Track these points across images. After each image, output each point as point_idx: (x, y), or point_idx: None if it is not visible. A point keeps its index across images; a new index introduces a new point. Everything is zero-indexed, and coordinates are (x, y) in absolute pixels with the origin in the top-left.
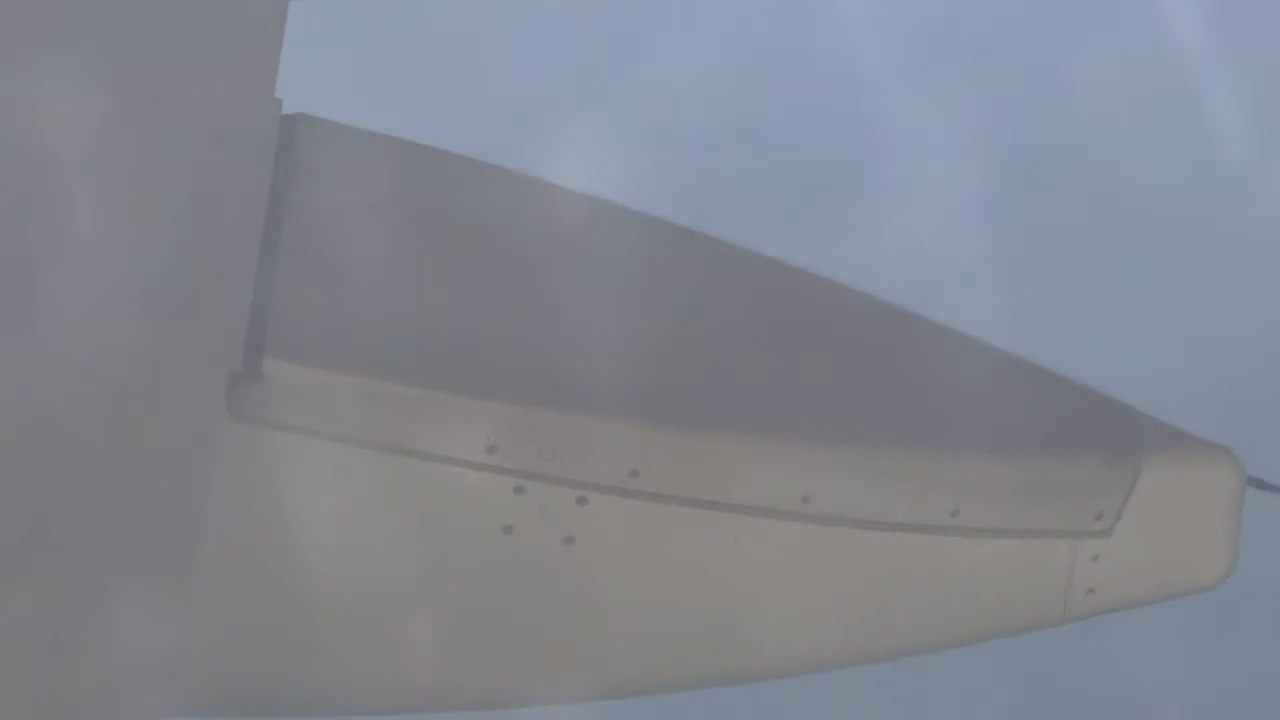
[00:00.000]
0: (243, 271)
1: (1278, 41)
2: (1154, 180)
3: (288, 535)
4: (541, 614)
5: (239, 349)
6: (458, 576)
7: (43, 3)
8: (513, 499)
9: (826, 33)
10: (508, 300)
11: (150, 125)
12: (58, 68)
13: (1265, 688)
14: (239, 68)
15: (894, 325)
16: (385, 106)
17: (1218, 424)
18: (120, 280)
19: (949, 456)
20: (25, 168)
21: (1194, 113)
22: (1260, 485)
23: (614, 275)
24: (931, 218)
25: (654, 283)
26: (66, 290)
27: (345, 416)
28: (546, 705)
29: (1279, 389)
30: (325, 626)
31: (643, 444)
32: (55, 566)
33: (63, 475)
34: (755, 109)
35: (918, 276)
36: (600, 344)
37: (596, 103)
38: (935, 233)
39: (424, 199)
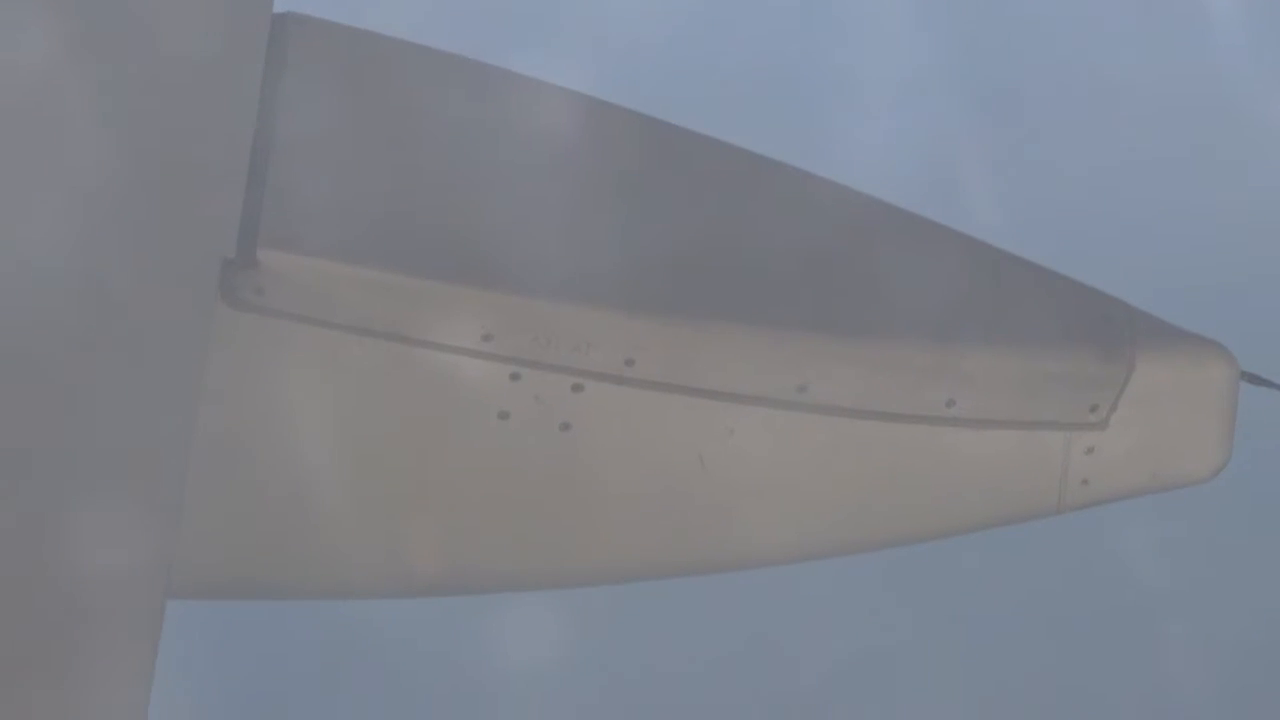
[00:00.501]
0: (236, 161)
1: None
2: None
3: (282, 421)
4: (537, 500)
5: (233, 237)
6: (453, 463)
7: None
8: (508, 386)
9: None
10: (503, 191)
11: (146, 20)
12: None
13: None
14: None
15: (891, 220)
16: (376, 7)
17: (1214, 320)
18: (116, 170)
19: (945, 348)
20: (23, 59)
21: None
22: (1254, 380)
23: (610, 168)
24: (918, 119)
25: (651, 176)
26: (63, 178)
27: (339, 304)
28: (542, 590)
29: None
30: (320, 511)
31: (638, 332)
32: (50, 452)
33: (57, 361)
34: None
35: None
36: (596, 233)
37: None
38: (924, 133)
39: (416, 95)
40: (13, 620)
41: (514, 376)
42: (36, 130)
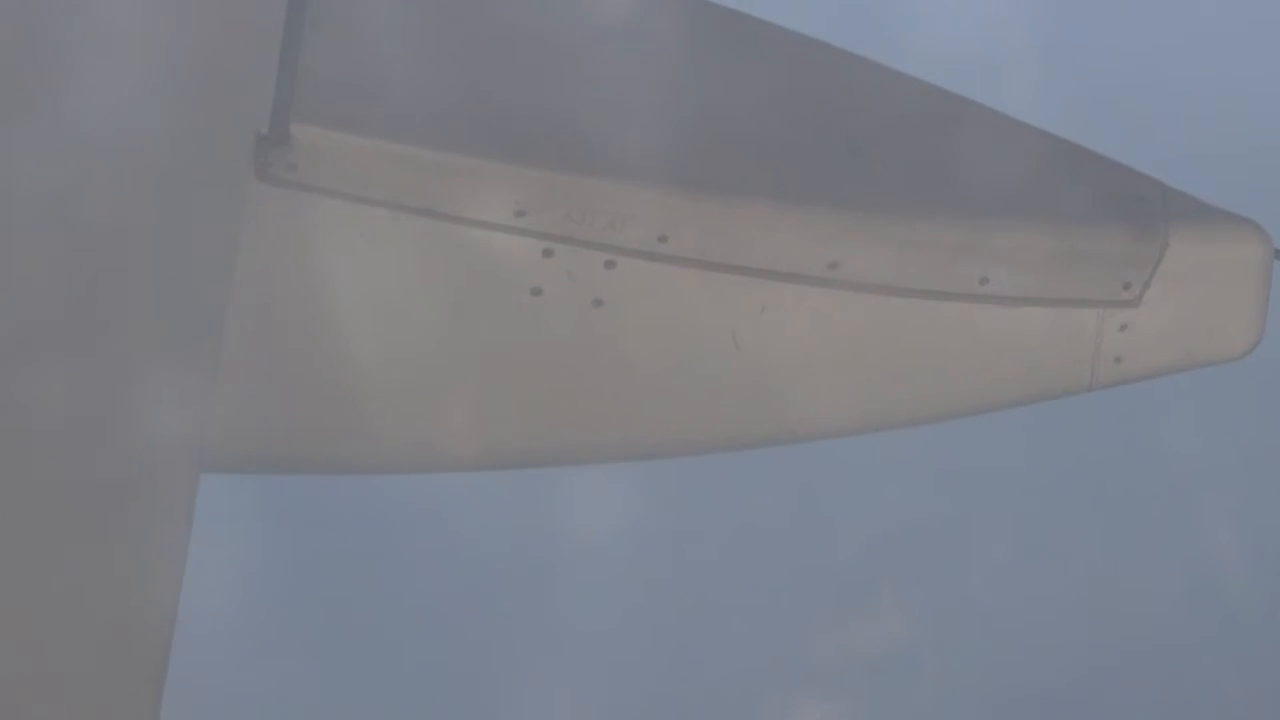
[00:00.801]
0: (270, 37)
1: None
2: None
3: (315, 296)
4: (569, 375)
5: (266, 112)
6: (486, 338)
7: None
8: (541, 262)
9: None
10: (538, 67)
11: None
12: None
13: None
14: None
15: (925, 98)
16: None
17: (1249, 199)
18: (152, 47)
19: (979, 225)
20: None
21: None
22: None
23: (647, 44)
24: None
25: (688, 52)
26: (100, 56)
27: (373, 179)
28: (573, 465)
29: None
30: (352, 386)
31: (672, 208)
32: (88, 325)
33: (94, 236)
34: None
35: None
36: (631, 110)
37: None
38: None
39: None
40: (48, 491)
41: (547, 253)
42: (74, 5)
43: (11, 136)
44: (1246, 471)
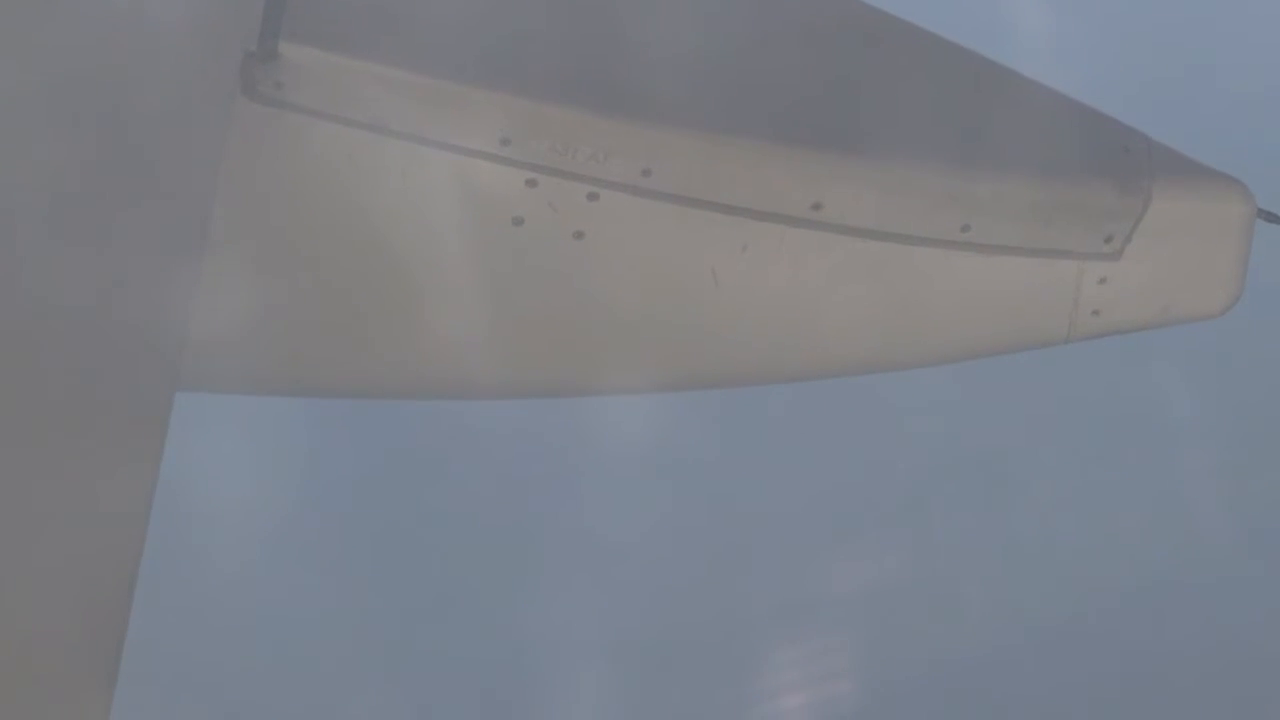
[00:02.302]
0: None
1: None
2: None
3: (297, 217)
4: (549, 306)
5: (255, 30)
6: (466, 266)
7: None
8: (524, 191)
9: None
10: None
11: None
12: None
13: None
14: None
15: (913, 42)
16: None
17: (1233, 157)
18: None
19: (962, 172)
20: None
21: None
22: (1270, 218)
23: None
24: None
25: None
26: None
27: (360, 101)
28: (549, 397)
29: None
30: (331, 307)
31: (656, 143)
32: (67, 237)
33: (76, 149)
34: None
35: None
36: (618, 43)
37: None
38: None
39: None
40: (21, 402)
41: (530, 183)
42: None
43: None
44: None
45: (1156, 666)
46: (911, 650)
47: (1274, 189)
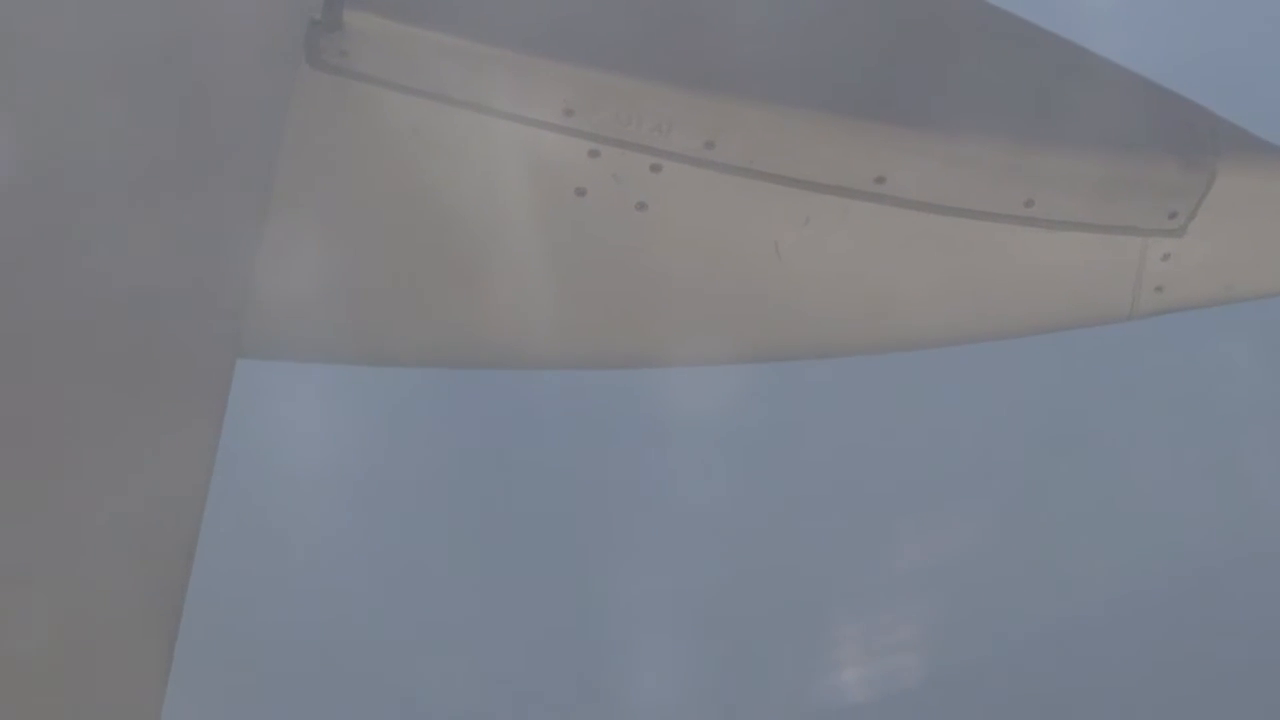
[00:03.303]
0: None
1: None
2: None
3: (360, 185)
4: (610, 277)
5: None
6: (529, 236)
7: None
8: (587, 162)
9: None
10: None
11: None
12: None
13: None
14: None
15: (978, 16)
16: None
17: None
18: None
19: (1027, 147)
20: None
21: None
22: None
23: None
24: None
25: None
26: None
27: (423, 70)
28: (608, 368)
29: None
30: (392, 276)
31: (720, 115)
32: (133, 203)
33: (142, 116)
34: None
35: None
36: (682, 14)
37: None
38: None
39: None
40: (83, 369)
41: (593, 154)
42: None
43: (68, 13)
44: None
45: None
46: (986, 624)
47: None
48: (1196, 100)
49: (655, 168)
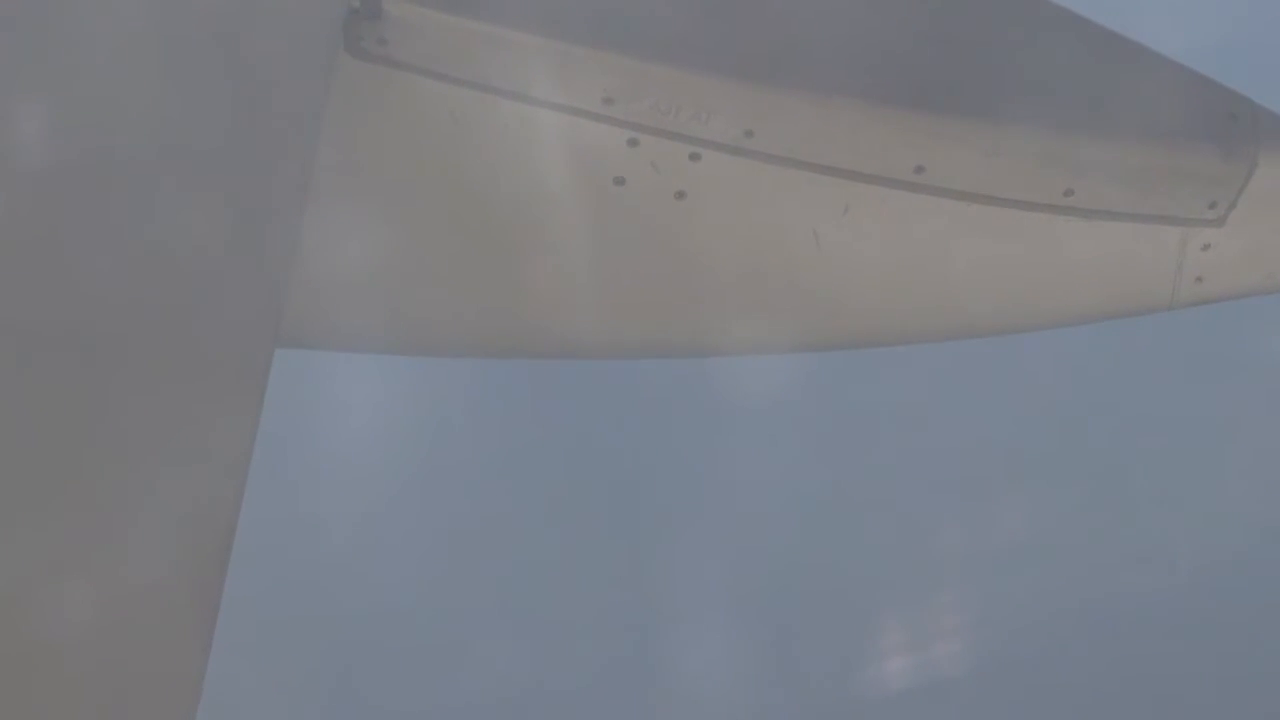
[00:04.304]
0: None
1: None
2: None
3: (399, 172)
4: (649, 266)
5: None
6: (568, 224)
7: None
8: (626, 151)
9: None
10: None
11: None
12: None
13: None
14: None
15: (1018, 6)
16: None
17: None
18: None
19: (1066, 137)
20: None
21: None
22: None
23: None
24: None
25: None
26: None
27: (463, 59)
28: (648, 357)
29: None
30: (431, 266)
31: (759, 104)
32: (172, 191)
33: (181, 103)
34: None
35: None
36: (724, 2)
37: None
38: None
39: None
40: (122, 356)
41: (632, 142)
42: None
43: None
44: None
45: None
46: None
47: None
48: (1237, 88)
49: (694, 156)
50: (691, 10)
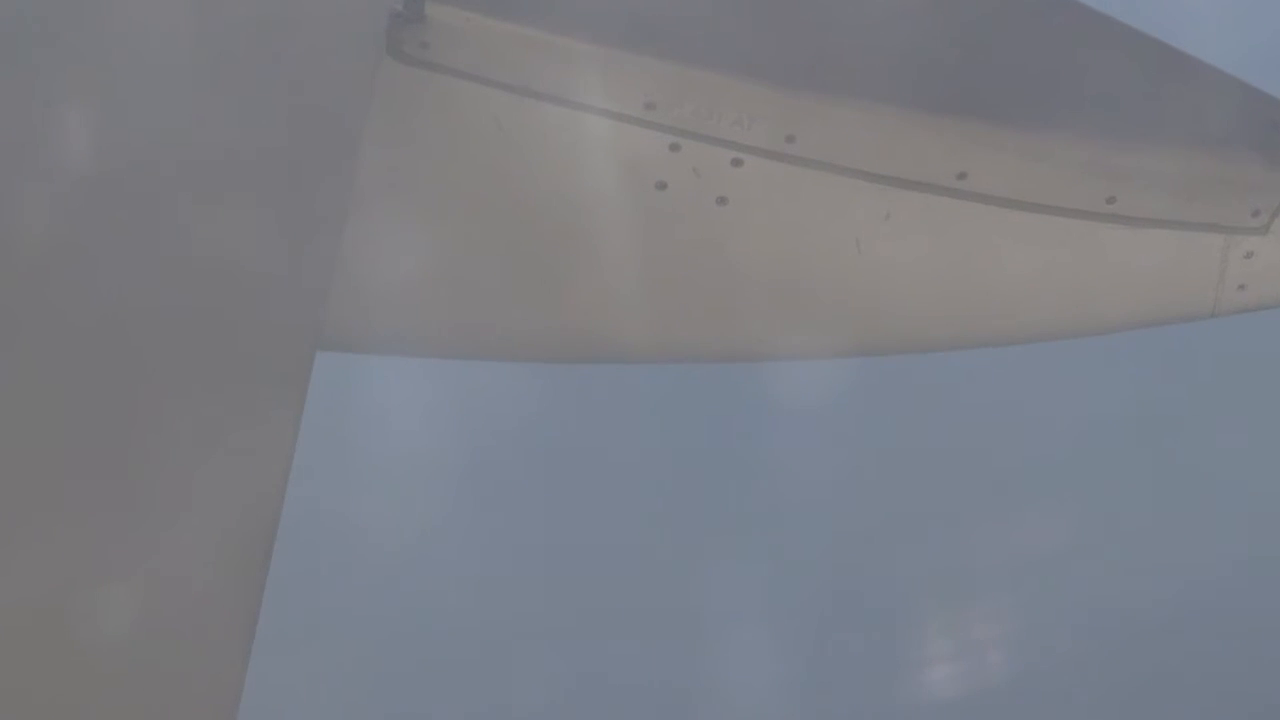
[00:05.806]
0: None
1: None
2: None
3: (441, 177)
4: (690, 271)
5: None
6: (609, 229)
7: None
8: (668, 156)
9: None
10: None
11: None
12: None
13: None
14: None
15: (1060, 12)
16: None
17: None
18: None
19: (1110, 144)
20: None
21: None
22: None
23: None
24: None
25: None
26: None
27: (505, 63)
28: (689, 362)
29: None
30: (473, 270)
31: (801, 109)
32: (214, 195)
33: (225, 107)
34: None
35: None
36: (763, 8)
37: None
38: None
39: None
40: (163, 359)
41: (674, 147)
42: None
43: (154, 9)
44: None
45: None
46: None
47: None
48: None
49: (736, 162)
50: (733, 15)
